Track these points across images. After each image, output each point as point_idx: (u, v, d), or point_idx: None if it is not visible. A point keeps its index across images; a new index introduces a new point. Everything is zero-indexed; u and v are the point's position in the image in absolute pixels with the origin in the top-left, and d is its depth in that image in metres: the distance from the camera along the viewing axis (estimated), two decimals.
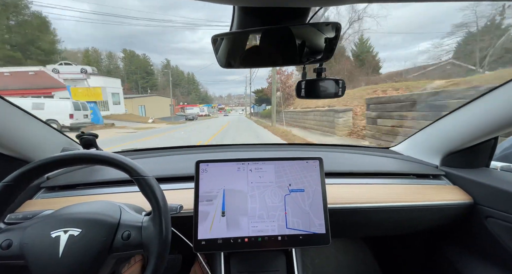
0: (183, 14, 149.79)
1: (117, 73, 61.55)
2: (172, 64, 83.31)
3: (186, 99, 76.93)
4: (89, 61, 53.05)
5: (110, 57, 63.88)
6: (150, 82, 67.45)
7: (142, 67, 67.33)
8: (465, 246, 0.96)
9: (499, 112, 0.76)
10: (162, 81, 72.06)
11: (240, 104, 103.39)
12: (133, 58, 66.61)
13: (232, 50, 0.63)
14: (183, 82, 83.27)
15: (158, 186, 0.56)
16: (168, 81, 71.38)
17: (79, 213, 0.55)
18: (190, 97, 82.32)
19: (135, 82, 65.95)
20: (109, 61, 63.45)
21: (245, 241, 0.69)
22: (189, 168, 0.94)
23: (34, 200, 0.85)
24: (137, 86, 65.54)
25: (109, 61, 63.45)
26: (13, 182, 0.51)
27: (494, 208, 0.81)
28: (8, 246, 0.50)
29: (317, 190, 0.73)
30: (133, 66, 66.12)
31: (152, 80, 68.27)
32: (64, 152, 0.55)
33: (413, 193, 0.90)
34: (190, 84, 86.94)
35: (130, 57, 66.41)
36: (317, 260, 1.40)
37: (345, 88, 0.71)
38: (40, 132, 0.91)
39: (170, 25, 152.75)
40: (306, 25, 0.56)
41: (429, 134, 1.07)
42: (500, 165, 0.95)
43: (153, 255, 0.51)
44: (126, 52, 66.84)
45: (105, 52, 63.45)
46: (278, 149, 1.37)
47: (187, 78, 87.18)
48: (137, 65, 66.05)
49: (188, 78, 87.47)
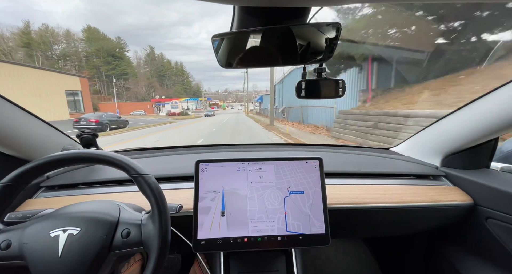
0: (178, 8, 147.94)
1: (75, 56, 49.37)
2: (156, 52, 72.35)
3: (168, 92, 64.41)
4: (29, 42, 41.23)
5: (68, 37, 50.00)
6: (117, 69, 53.19)
7: (106, 48, 52.94)
8: (465, 247, 0.96)
9: (499, 113, 0.76)
10: (144, 72, 60.80)
11: (237, 100, 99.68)
12: (95, 36, 51.42)
13: (232, 50, 0.63)
14: (169, 73, 71.75)
15: (157, 184, 0.56)
16: (151, 71, 64.83)
17: (78, 212, 0.55)
18: (174, 90, 69.44)
19: (96, 69, 51.61)
20: (67, 43, 50.37)
21: (244, 241, 0.69)
22: (188, 167, 0.95)
23: (34, 199, 0.85)
24: (99, 73, 51.53)
25: (67, 42, 50.22)
26: (11, 182, 0.51)
27: (494, 209, 0.81)
28: (7, 246, 0.50)
29: (317, 192, 0.73)
30: (93, 47, 51.58)
31: (121, 66, 53.76)
32: (61, 152, 0.55)
33: (413, 193, 0.90)
34: (178, 75, 75.29)
35: (90, 35, 51.59)
36: (317, 260, 1.40)
37: (345, 88, 0.70)
38: (41, 131, 0.91)
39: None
40: (307, 25, 0.56)
41: (430, 134, 1.07)
42: (500, 166, 0.95)
43: (153, 252, 0.51)
44: (89, 30, 51.98)
45: (62, 30, 49.95)
46: (278, 149, 1.37)
47: (175, 68, 75.25)
48: (99, 46, 51.91)
49: (176, 69, 75.68)
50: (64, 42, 49.94)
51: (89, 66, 51.85)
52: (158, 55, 73.53)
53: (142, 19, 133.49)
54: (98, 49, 52.36)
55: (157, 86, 63.12)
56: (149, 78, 61.75)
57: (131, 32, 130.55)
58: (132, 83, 53.23)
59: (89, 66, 51.85)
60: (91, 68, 51.62)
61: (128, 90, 54.30)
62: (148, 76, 62.68)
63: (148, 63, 67.25)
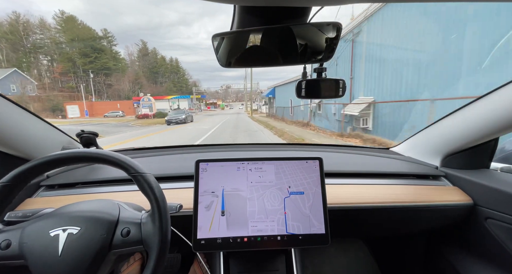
0: (177, 7, 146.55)
1: (46, 47, 40.46)
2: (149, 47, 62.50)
3: (158, 90, 56.00)
4: None
5: (43, 27, 41.25)
6: (97, 62, 43.64)
7: (83, 37, 42.88)
8: (465, 247, 0.96)
9: (499, 114, 0.76)
10: (134, 68, 53.45)
11: (238, 99, 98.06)
12: (70, 26, 41.63)
13: (232, 50, 0.63)
14: (162, 69, 62.72)
15: (156, 182, 0.56)
16: (143, 68, 56.99)
17: (78, 211, 0.55)
18: (165, 87, 60.27)
19: (71, 61, 42.24)
20: (42, 33, 41.88)
21: (244, 241, 0.69)
22: (188, 167, 0.94)
23: (34, 198, 0.85)
24: (76, 67, 42.06)
25: (42, 32, 41.76)
26: (10, 182, 0.51)
27: (494, 209, 0.81)
28: (7, 246, 0.50)
29: (317, 192, 0.73)
30: (67, 36, 41.77)
31: (102, 59, 44.30)
32: (60, 151, 0.55)
33: (413, 193, 0.90)
34: (174, 73, 66.26)
35: (66, 24, 41.81)
36: (316, 260, 1.40)
37: (345, 88, 0.70)
38: (40, 130, 0.91)
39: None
40: (307, 24, 0.56)
41: (430, 135, 1.07)
42: (500, 167, 0.95)
43: (153, 250, 0.51)
44: (62, 16, 41.99)
45: (36, 19, 40.70)
46: (278, 149, 1.37)
47: (169, 65, 65.94)
48: (74, 35, 42.24)
49: (171, 66, 66.26)
50: (39, 32, 41.86)
51: (63, 59, 42.56)
52: (151, 51, 64.41)
53: (141, 19, 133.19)
54: (73, 38, 42.49)
55: (144, 82, 52.98)
56: (137, 74, 53.86)
57: (130, 32, 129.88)
58: (115, 79, 44.32)
59: (63, 59, 42.56)
60: (65, 61, 42.34)
61: (110, 87, 44.57)
62: (138, 72, 55.07)
63: (140, 58, 60.44)
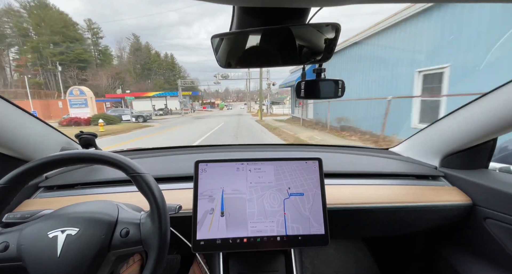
0: (177, 8, 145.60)
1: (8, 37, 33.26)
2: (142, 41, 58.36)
3: (146, 86, 51.16)
4: None
5: (8, 14, 34.45)
6: (70, 53, 36.84)
7: (51, 22, 35.55)
8: (464, 247, 0.96)
9: (498, 114, 0.76)
10: (123, 63, 48.67)
11: (239, 99, 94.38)
12: (40, 10, 34.64)
13: (232, 50, 0.63)
14: (155, 65, 57.92)
15: (155, 183, 0.56)
16: (134, 63, 52.32)
17: (76, 212, 0.55)
18: (154, 83, 55.50)
19: (37, 52, 35.25)
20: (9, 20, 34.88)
21: (244, 242, 0.69)
22: (188, 168, 0.94)
23: (32, 200, 0.84)
24: (44, 59, 34.89)
25: (8, 19, 34.91)
26: (8, 183, 0.50)
27: (493, 209, 0.81)
28: (5, 248, 0.50)
29: (316, 193, 0.73)
30: (33, 22, 34.49)
31: (76, 50, 37.66)
32: (59, 152, 0.55)
33: (412, 194, 0.90)
34: (169, 69, 61.88)
35: (33, 8, 34.93)
36: (316, 261, 1.40)
37: (344, 88, 0.71)
38: (39, 131, 0.90)
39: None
40: (306, 25, 0.56)
41: (429, 135, 1.07)
42: (498, 167, 0.95)
43: (153, 250, 0.51)
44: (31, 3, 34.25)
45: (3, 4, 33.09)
46: (278, 149, 1.37)
47: (164, 61, 61.36)
48: (40, 19, 34.98)
49: (166, 62, 61.57)
50: (5, 20, 34.54)
51: (26, 49, 34.52)
52: (144, 46, 59.61)
53: (141, 19, 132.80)
54: (38, 23, 34.13)
55: (128, 78, 47.39)
56: (118, 68, 48.07)
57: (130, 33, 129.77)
58: (90, 74, 37.67)
59: (26, 49, 34.52)
60: (30, 51, 34.41)
61: (85, 82, 37.36)
62: (119, 66, 49.85)
63: (132, 53, 55.64)
